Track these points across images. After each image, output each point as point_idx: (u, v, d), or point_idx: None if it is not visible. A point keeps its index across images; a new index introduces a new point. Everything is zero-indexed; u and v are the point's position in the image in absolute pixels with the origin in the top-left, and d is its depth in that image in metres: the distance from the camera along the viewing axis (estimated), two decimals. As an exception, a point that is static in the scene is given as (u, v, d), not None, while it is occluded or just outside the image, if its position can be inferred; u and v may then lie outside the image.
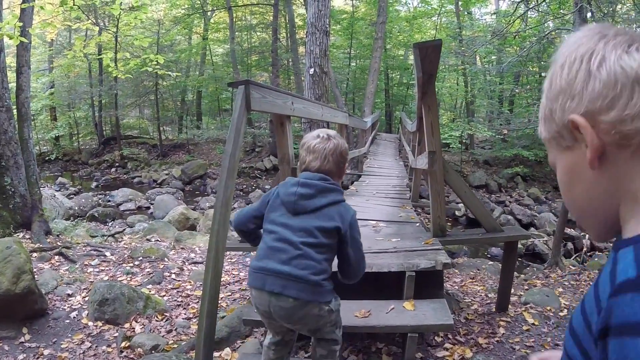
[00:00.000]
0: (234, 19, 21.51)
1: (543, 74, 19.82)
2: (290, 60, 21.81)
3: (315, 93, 7.94)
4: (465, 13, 23.69)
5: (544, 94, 0.67)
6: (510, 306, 4.39)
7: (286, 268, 1.88)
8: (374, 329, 2.76)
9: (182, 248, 7.11)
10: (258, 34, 25.51)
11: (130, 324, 4.04)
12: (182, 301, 4.75)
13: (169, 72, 9.21)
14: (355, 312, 2.83)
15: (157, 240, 7.59)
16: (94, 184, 18.01)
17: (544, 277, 6.49)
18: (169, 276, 5.49)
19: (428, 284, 3.27)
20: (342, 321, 2.75)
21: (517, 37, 11.20)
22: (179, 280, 5.36)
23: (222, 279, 5.24)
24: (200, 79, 23.57)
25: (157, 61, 7.42)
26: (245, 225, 2.25)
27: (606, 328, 0.49)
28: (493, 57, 20.88)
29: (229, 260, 6.38)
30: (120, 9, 6.82)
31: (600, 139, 0.57)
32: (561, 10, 12.09)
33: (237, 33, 22.67)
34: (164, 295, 4.85)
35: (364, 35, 25.21)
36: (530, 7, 9.87)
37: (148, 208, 12.98)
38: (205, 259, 2.86)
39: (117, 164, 20.80)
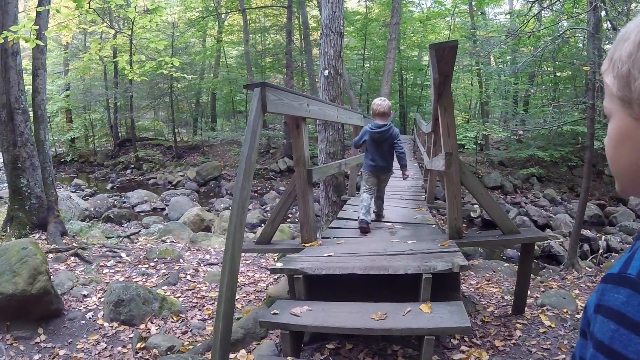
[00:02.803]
0: (248, 21, 21.62)
1: (558, 74, 19.63)
2: (304, 61, 21.84)
3: (330, 95, 7.92)
4: (479, 13, 23.51)
5: (628, 49, 0.61)
6: (526, 308, 4.36)
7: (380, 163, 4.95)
8: (390, 331, 2.74)
9: (197, 249, 7.17)
10: (272, 35, 25.60)
11: (146, 325, 4.08)
12: (197, 302, 4.78)
13: (184, 75, 9.27)
14: (372, 315, 2.82)
15: (172, 242, 7.66)
16: (109, 185, 18.23)
17: (560, 279, 6.42)
18: (184, 277, 5.54)
19: (445, 286, 3.25)
20: (358, 324, 2.77)
21: (531, 37, 11.06)
22: (194, 282, 5.41)
23: (237, 281, 5.28)
24: (214, 81, 23.74)
25: (172, 64, 7.48)
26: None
27: (597, 305, 0.56)
28: (507, 58, 20.70)
29: (244, 261, 6.41)
30: (136, 12, 6.89)
31: None
32: (575, 10, 11.94)
33: (251, 35, 22.80)
34: (179, 297, 4.89)
35: (378, 36, 25.13)
36: (545, 6, 9.74)
37: (163, 209, 13.10)
38: (222, 260, 2.88)
39: (132, 166, 21.04)
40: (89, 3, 6.48)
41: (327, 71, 8.10)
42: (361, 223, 4.75)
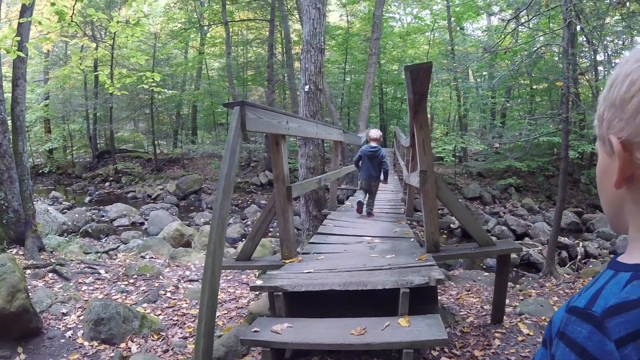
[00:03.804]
0: (230, 34, 21.71)
1: (534, 87, 20.13)
2: (285, 75, 21.99)
3: (310, 110, 8.00)
4: (458, 29, 24.01)
5: (604, 91, 0.65)
6: (505, 317, 4.45)
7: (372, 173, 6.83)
8: (369, 346, 2.79)
9: (177, 265, 7.12)
10: (254, 48, 25.70)
11: (126, 344, 4.04)
12: (178, 320, 4.76)
13: (165, 90, 9.27)
14: (352, 330, 2.88)
15: (152, 258, 7.60)
16: (88, 198, 17.93)
17: (539, 287, 6.56)
18: (164, 294, 5.50)
19: (422, 299, 3.32)
20: (338, 340, 2.81)
21: (507, 52, 11.37)
22: (175, 299, 5.38)
23: (218, 298, 5.28)
24: (196, 93, 23.68)
25: (153, 78, 7.49)
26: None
27: (561, 332, 0.59)
28: (484, 73, 21.18)
29: (225, 277, 6.40)
30: (117, 26, 6.90)
31: (630, 168, 0.60)
32: (551, 25, 12.31)
33: (233, 48, 22.86)
34: (160, 314, 4.86)
35: (359, 51, 25.46)
36: (520, 23, 10.05)
37: (142, 224, 12.94)
38: (202, 278, 2.90)
39: (111, 178, 20.73)
40: (72, 16, 6.48)
41: (307, 87, 8.19)
42: (358, 204, 7.19)
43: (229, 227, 11.80)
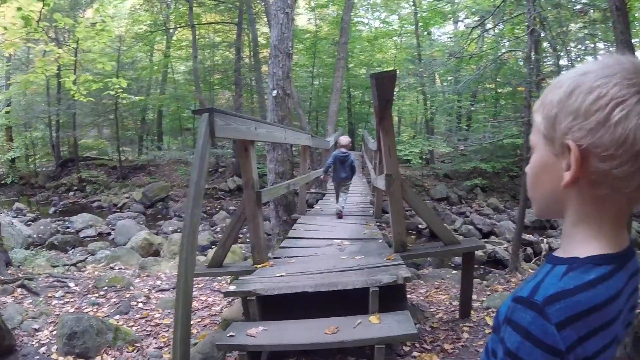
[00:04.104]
0: (197, 37, 21.47)
1: (499, 90, 20.74)
2: (253, 79, 21.90)
3: (279, 115, 8.05)
4: (425, 33, 24.50)
5: (558, 95, 0.69)
6: (473, 312, 4.62)
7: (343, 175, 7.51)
8: (343, 343, 2.89)
9: (147, 275, 7.04)
10: (221, 52, 25.41)
11: (102, 357, 4.00)
12: (151, 330, 4.73)
13: (131, 96, 9.14)
14: (325, 329, 2.96)
15: (121, 268, 7.49)
16: (52, 209, 17.35)
17: (505, 282, 6.79)
18: (136, 305, 5.45)
19: (392, 297, 3.43)
20: (313, 339, 2.89)
21: (473, 57, 11.75)
22: (147, 309, 5.34)
23: (192, 306, 5.27)
24: (161, 98, 23.21)
25: (119, 84, 7.40)
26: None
27: (508, 319, 0.67)
28: (450, 79, 21.68)
29: (197, 286, 6.38)
30: (84, 31, 6.79)
31: (583, 172, 0.66)
32: (516, 30, 12.74)
33: (199, 51, 22.57)
34: (133, 326, 4.82)
35: (327, 55, 25.59)
36: (485, 29, 10.39)
37: (109, 234, 12.64)
38: (174, 285, 2.93)
39: (75, 188, 20.06)
40: (38, 21, 6.35)
41: (275, 92, 8.23)
42: (337, 211, 7.63)
43: (198, 235, 11.69)
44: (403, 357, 3.48)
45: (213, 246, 10.43)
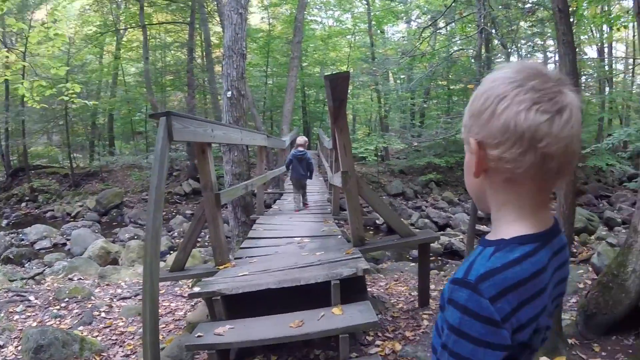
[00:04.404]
0: (148, 37, 20.95)
1: (451, 87, 21.40)
2: (206, 79, 21.59)
3: (234, 116, 8.03)
4: (378, 31, 24.89)
5: (468, 105, 0.82)
6: (431, 300, 4.83)
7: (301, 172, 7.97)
8: (308, 335, 2.99)
9: (107, 284, 6.91)
10: (173, 52, 24.81)
11: None
12: (117, 339, 4.68)
13: (86, 102, 8.88)
14: (290, 324, 3.06)
15: (80, 279, 7.30)
16: (5, 221, 16.48)
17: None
18: (98, 315, 5.38)
19: (353, 289, 3.57)
20: (279, 334, 2.98)
21: (425, 55, 12.11)
22: (110, 318, 5.28)
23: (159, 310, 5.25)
24: (112, 101, 22.47)
25: (73, 90, 7.20)
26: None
27: (449, 299, 0.77)
28: (403, 77, 22.17)
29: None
30: (38, 35, 6.56)
31: (484, 162, 0.78)
32: (468, 28, 13.23)
33: (150, 52, 22.00)
34: (97, 336, 4.76)
35: (281, 54, 25.52)
36: (438, 29, 10.74)
37: (64, 244, 12.22)
38: (135, 293, 2.94)
39: (27, 198, 19.09)
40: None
41: (229, 92, 8.21)
42: (295, 208, 8.39)
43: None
44: (367, 346, 3.62)
45: (171, 251, 10.29)
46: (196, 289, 3.53)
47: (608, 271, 3.32)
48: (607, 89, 22.69)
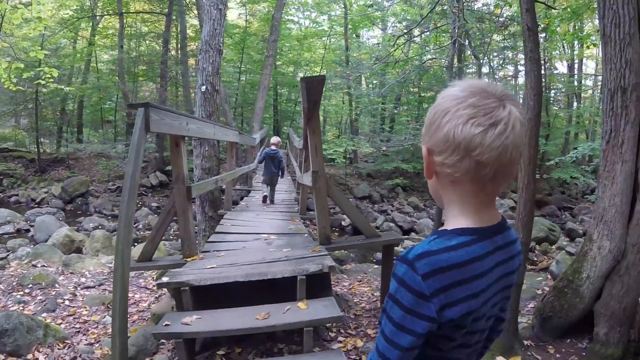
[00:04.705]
0: (124, 25, 20.52)
1: (422, 94, 21.87)
2: (179, 72, 21.30)
3: (207, 110, 8.04)
4: (354, 35, 25.14)
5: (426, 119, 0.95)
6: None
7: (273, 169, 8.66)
8: (274, 327, 3.11)
9: (71, 273, 6.83)
10: (147, 42, 24.34)
11: (33, 355, 3.92)
12: (80, 327, 4.67)
13: (62, 87, 8.69)
14: (257, 316, 3.17)
15: (44, 266, 7.17)
16: (-32, 205, 15.96)
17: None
18: (62, 303, 5.35)
19: (318, 286, 3.71)
20: (245, 325, 3.08)
21: (398, 62, 12.42)
22: (74, 307, 5.25)
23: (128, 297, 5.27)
24: (83, 88, 21.91)
25: (51, 74, 7.07)
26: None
27: (393, 272, 0.91)
28: (375, 82, 22.47)
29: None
30: (21, 18, 6.41)
31: (432, 166, 0.92)
32: (442, 37, 13.60)
33: (125, 40, 21.57)
34: (61, 323, 4.74)
35: (255, 51, 25.44)
36: (412, 37, 11.03)
37: (28, 230, 11.92)
38: (113, 278, 2.98)
39: (-9, 181, 18.56)
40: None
41: (204, 87, 8.21)
42: (264, 198, 8.91)
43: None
44: (329, 342, 3.77)
45: (135, 244, 10.18)
46: (165, 279, 3.59)
47: (564, 277, 3.53)
48: (575, 103, 23.58)
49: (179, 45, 22.43)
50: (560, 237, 10.47)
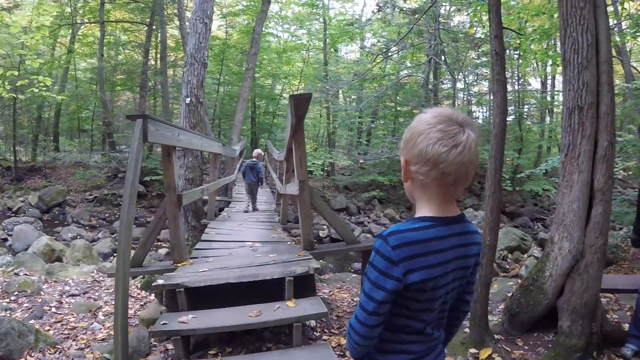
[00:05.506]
0: (105, 34, 20.35)
1: (399, 109, 22.38)
2: (158, 82, 21.24)
3: (191, 122, 8.19)
4: (332, 50, 25.56)
5: (403, 138, 1.22)
6: (374, 303, 5.27)
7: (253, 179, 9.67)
8: (266, 323, 3.35)
9: (55, 281, 6.87)
10: (127, 51, 24.16)
11: (25, 359, 4.03)
12: (69, 334, 4.74)
13: (55, 96, 8.70)
14: (249, 314, 3.41)
15: (26, 274, 7.17)
16: (-59, 213, 15.58)
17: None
18: (49, 310, 5.41)
19: (304, 287, 3.96)
20: (239, 322, 3.30)
21: (376, 79, 12.89)
22: (61, 314, 5.33)
23: (103, 310, 5.42)
24: (62, 95, 21.61)
25: (44, 83, 7.12)
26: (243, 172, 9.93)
27: (373, 246, 1.20)
28: (354, 97, 22.88)
29: (107, 291, 6.42)
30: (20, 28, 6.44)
31: (408, 173, 1.21)
32: (418, 54, 14.11)
33: (105, 49, 21.40)
34: (49, 330, 4.80)
35: (234, 62, 25.54)
36: (390, 55, 11.47)
37: (5, 240, 11.79)
38: (115, 277, 3.16)
39: (-34, 189, 18.11)
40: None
41: (188, 99, 8.38)
42: (245, 210, 9.88)
43: (99, 243, 11.34)
44: (314, 340, 4.01)
45: (114, 254, 10.20)
46: (160, 281, 3.78)
47: (529, 276, 3.86)
48: (547, 118, 24.39)
49: (158, 56, 22.41)
50: (532, 247, 10.93)
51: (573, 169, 3.53)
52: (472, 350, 3.52)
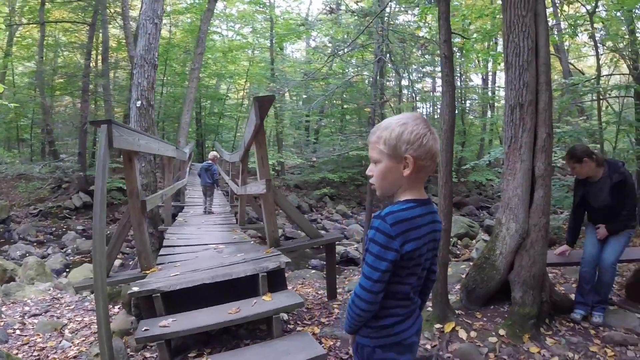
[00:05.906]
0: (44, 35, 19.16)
1: (345, 107, 22.77)
2: (100, 84, 20.27)
3: (142, 126, 7.98)
4: (279, 49, 25.58)
5: (394, 134, 1.43)
6: (338, 295, 5.60)
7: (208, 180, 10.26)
8: (247, 318, 3.49)
9: (13, 302, 6.53)
10: (66, 53, 22.86)
11: None
12: (39, 355, 4.56)
13: (6, 103, 8.22)
14: (228, 311, 3.54)
15: (-21, 297, 6.85)
16: None
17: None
18: (13, 333, 5.19)
19: (275, 282, 4.12)
20: (220, 319, 3.42)
21: (326, 79, 13.19)
22: (26, 335, 5.12)
23: (69, 327, 5.32)
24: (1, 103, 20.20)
25: None
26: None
27: (371, 225, 1.47)
28: (303, 96, 23.06)
29: (68, 308, 6.28)
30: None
31: (419, 168, 1.43)
32: (366, 53, 14.45)
33: (43, 51, 20.20)
34: (17, 353, 4.61)
35: (178, 62, 25.05)
36: (338, 55, 11.71)
37: (-53, 260, 11.02)
38: (93, 286, 3.17)
39: None
40: None
41: (139, 102, 8.18)
42: (204, 210, 10.33)
43: (50, 259, 10.82)
44: (290, 332, 4.19)
45: (67, 269, 9.86)
46: (135, 288, 3.78)
47: (481, 255, 4.26)
48: (489, 112, 25.64)
49: (97, 56, 21.47)
50: (479, 233, 11.59)
51: (516, 158, 3.91)
52: (437, 326, 3.84)
